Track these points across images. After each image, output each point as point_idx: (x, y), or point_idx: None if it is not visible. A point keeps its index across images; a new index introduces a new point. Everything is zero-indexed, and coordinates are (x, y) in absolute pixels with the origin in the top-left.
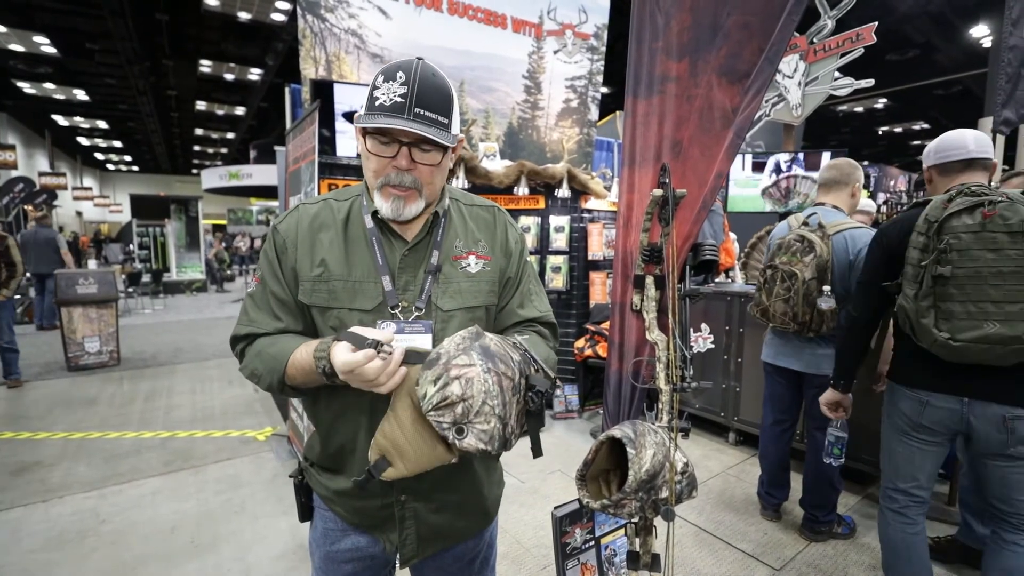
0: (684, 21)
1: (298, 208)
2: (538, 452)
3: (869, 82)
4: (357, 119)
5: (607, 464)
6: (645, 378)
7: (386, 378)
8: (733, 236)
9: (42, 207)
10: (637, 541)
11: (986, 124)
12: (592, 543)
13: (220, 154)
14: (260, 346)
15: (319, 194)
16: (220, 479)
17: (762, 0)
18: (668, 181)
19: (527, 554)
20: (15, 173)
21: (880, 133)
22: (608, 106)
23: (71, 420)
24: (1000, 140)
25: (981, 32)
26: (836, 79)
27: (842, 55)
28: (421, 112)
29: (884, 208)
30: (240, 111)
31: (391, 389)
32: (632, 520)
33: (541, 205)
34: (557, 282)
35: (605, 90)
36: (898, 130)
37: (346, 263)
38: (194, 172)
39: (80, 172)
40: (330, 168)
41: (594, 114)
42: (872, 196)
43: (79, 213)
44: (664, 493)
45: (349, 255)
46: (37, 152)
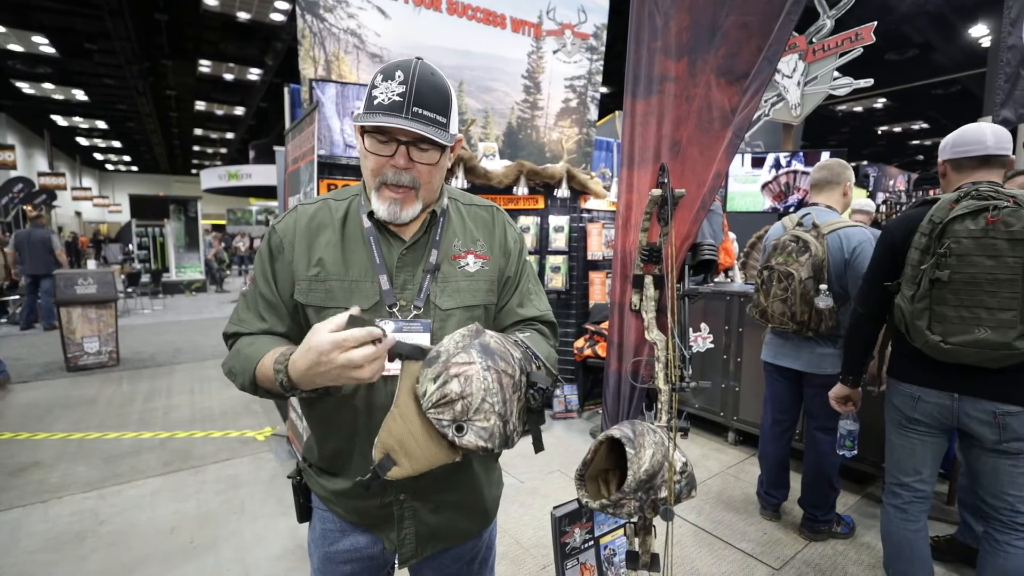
0: (683, 21)
1: (296, 208)
2: (539, 447)
3: (868, 82)
4: (355, 117)
5: (606, 464)
6: (644, 378)
7: (371, 365)
8: (732, 236)
9: (40, 207)
10: (636, 541)
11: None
12: (591, 543)
13: (219, 154)
14: (240, 345)
15: (318, 194)
16: (219, 479)
17: (761, 0)
18: (667, 181)
19: (526, 554)
20: (14, 173)
21: (879, 133)
22: (607, 106)
23: (70, 420)
24: None
25: (980, 32)
26: (835, 79)
27: (841, 55)
28: (419, 111)
29: (883, 208)
30: (239, 111)
31: (372, 376)
32: (631, 520)
33: (540, 205)
34: (556, 282)
35: (604, 90)
36: (897, 130)
37: (343, 262)
38: (193, 172)
39: (79, 172)
40: (329, 168)
41: (593, 114)
42: (871, 196)
43: (78, 213)
44: (663, 493)
45: (346, 254)
46: (36, 152)
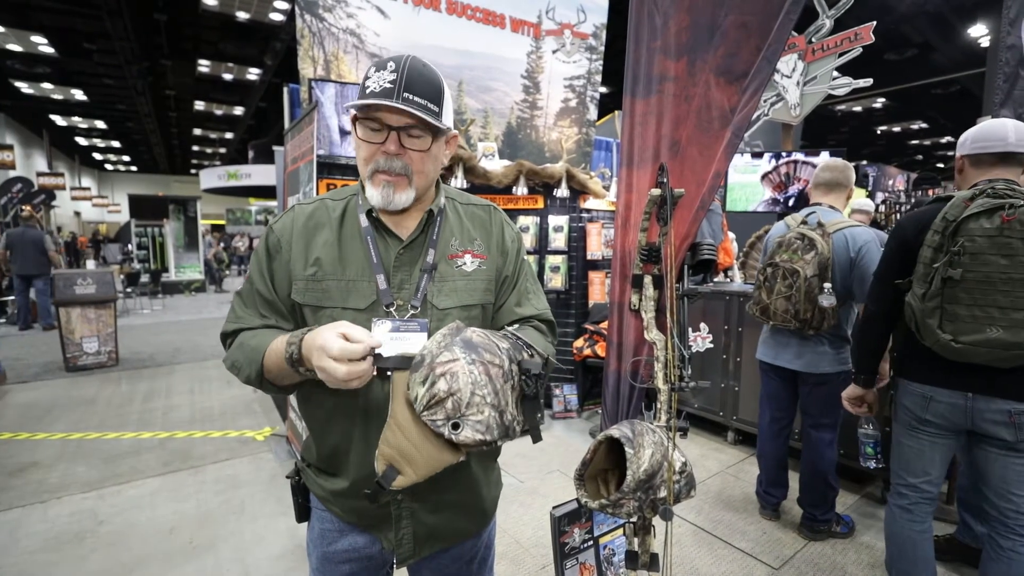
0: (682, 21)
1: (294, 208)
2: (537, 437)
3: (867, 81)
4: (348, 105)
5: (606, 464)
6: (644, 378)
7: (344, 368)
8: (731, 235)
9: (40, 207)
10: (636, 540)
11: None
12: (591, 543)
13: (219, 154)
14: (242, 338)
15: (317, 194)
16: (219, 479)
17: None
18: (666, 181)
19: (526, 554)
20: (13, 173)
21: (879, 132)
22: (607, 106)
23: (69, 421)
24: None
25: (979, 32)
26: (834, 78)
27: (840, 55)
28: (409, 97)
29: (882, 208)
30: (239, 111)
31: (348, 378)
32: (630, 520)
33: (540, 205)
34: (556, 282)
35: (604, 90)
36: (896, 129)
37: (340, 262)
38: (193, 172)
39: (78, 172)
40: (328, 168)
41: (593, 114)
42: (870, 195)
43: (77, 213)
44: (662, 493)
45: (343, 254)
46: (35, 152)
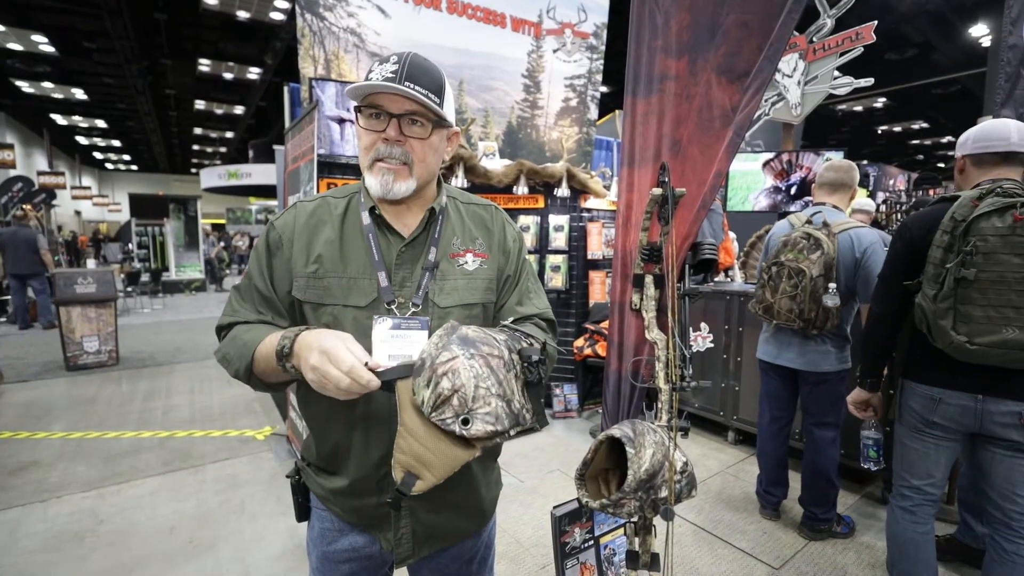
0: (683, 20)
1: (296, 205)
2: (543, 422)
3: (868, 81)
4: (349, 89)
5: (606, 463)
6: (644, 377)
7: (347, 382)
8: (732, 235)
9: (40, 206)
10: (636, 540)
11: None
12: (591, 542)
13: (219, 153)
14: (236, 332)
15: (318, 193)
16: (219, 479)
17: None
18: (667, 180)
19: (526, 553)
20: (13, 172)
21: (879, 132)
22: (607, 105)
23: (69, 420)
24: None
25: (980, 31)
26: (835, 78)
27: (841, 54)
28: (410, 85)
29: (883, 207)
30: (239, 110)
31: (347, 392)
32: (631, 519)
33: (540, 204)
34: (556, 281)
35: (604, 89)
36: (897, 129)
37: (341, 259)
38: (193, 171)
39: (79, 171)
40: (329, 167)
41: (593, 113)
42: (871, 195)
43: (78, 212)
44: (663, 492)
45: (345, 251)
46: (36, 151)
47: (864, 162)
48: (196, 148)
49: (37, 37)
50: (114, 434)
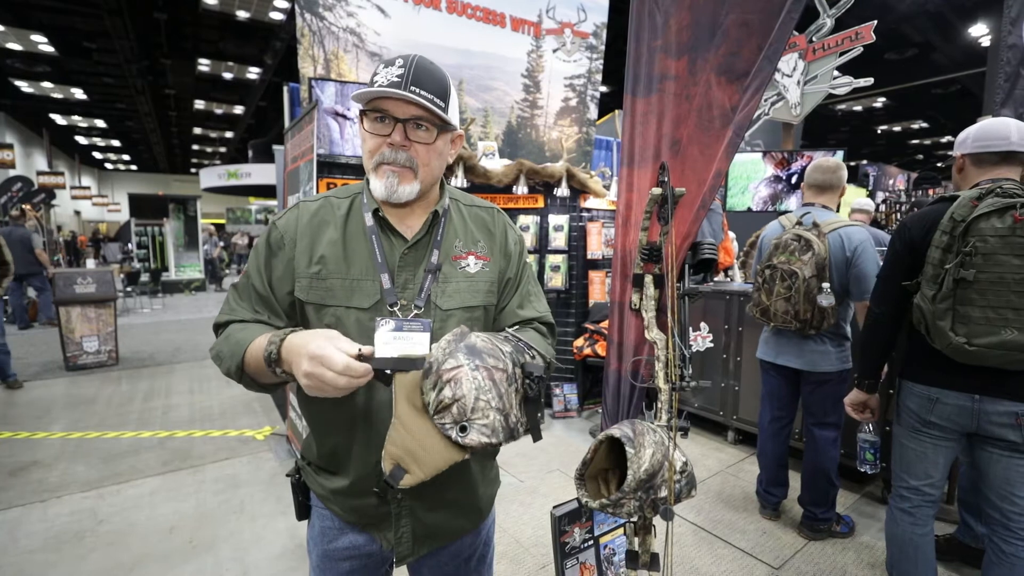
0: (683, 20)
1: (298, 205)
2: (537, 436)
3: (868, 81)
4: (354, 94)
5: (606, 463)
6: (644, 377)
7: (344, 380)
8: (732, 235)
9: (40, 206)
10: (636, 540)
11: None
12: (591, 542)
13: (219, 153)
14: (231, 330)
15: (318, 193)
16: (218, 479)
17: None
18: (667, 180)
19: (526, 553)
20: (13, 172)
21: (879, 132)
22: (607, 105)
23: (69, 420)
24: None
25: (980, 31)
26: (835, 78)
27: (841, 54)
28: (416, 90)
29: (883, 207)
30: (239, 110)
31: (345, 390)
32: (631, 519)
33: (540, 204)
34: (556, 281)
35: (604, 89)
36: (897, 129)
37: (344, 260)
38: (192, 171)
39: (78, 171)
40: (329, 167)
41: (593, 113)
42: (871, 195)
43: (77, 212)
44: (663, 492)
45: (348, 252)
46: (35, 151)
47: (864, 162)
48: (196, 148)
49: (37, 37)
50: (114, 434)
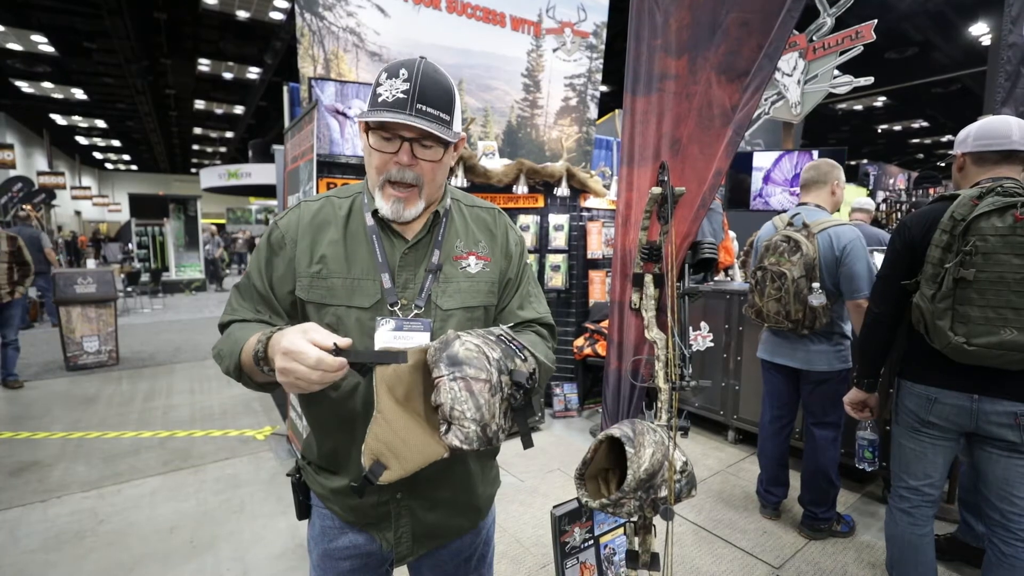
0: (683, 19)
1: (300, 205)
2: (527, 444)
3: (868, 80)
4: (359, 115)
5: (606, 463)
6: (644, 377)
7: (318, 375)
8: (732, 234)
9: (40, 206)
10: (636, 540)
11: None
12: (591, 542)
13: (219, 153)
14: (232, 328)
15: (318, 192)
16: (219, 479)
17: None
18: (667, 179)
19: (526, 553)
20: (13, 172)
21: (879, 131)
22: (607, 105)
23: (70, 420)
24: None
25: (980, 30)
26: (835, 77)
27: (841, 53)
28: (423, 108)
29: (883, 206)
30: (239, 110)
31: (320, 384)
32: (631, 519)
33: (540, 204)
34: (556, 281)
35: (604, 88)
36: (897, 128)
37: (345, 260)
38: (193, 171)
39: (79, 171)
40: (329, 167)
41: (593, 112)
42: (871, 194)
43: (78, 212)
44: (663, 492)
45: (349, 252)
46: (35, 151)
47: (864, 161)
48: (196, 148)
49: (37, 37)
50: (114, 434)
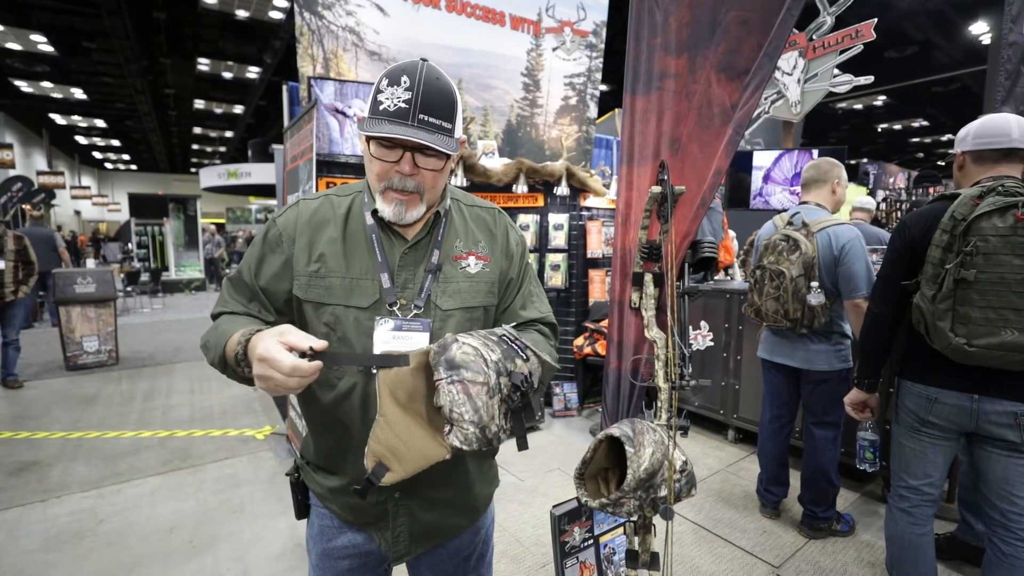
0: (683, 17)
1: (298, 203)
2: (522, 446)
3: (868, 79)
4: (361, 124)
5: (606, 462)
6: (644, 376)
7: (295, 381)
8: (732, 233)
9: (40, 206)
10: (636, 539)
11: None
12: (591, 542)
13: (218, 153)
14: (220, 321)
15: (317, 192)
16: (219, 479)
17: None
18: (667, 178)
19: (526, 552)
20: (13, 172)
21: (879, 130)
22: (607, 104)
23: (69, 420)
24: None
25: (980, 29)
26: (835, 76)
27: (841, 52)
28: (425, 118)
29: (883, 205)
30: (238, 109)
31: (298, 389)
32: (631, 518)
33: (540, 203)
34: (556, 280)
35: (604, 87)
36: (897, 127)
37: (344, 259)
38: (192, 171)
39: (78, 171)
40: (328, 166)
41: (593, 111)
42: (871, 193)
43: (77, 212)
44: (663, 491)
45: (348, 252)
46: (35, 151)
47: (864, 160)
48: (196, 147)
49: (36, 36)
50: (114, 434)
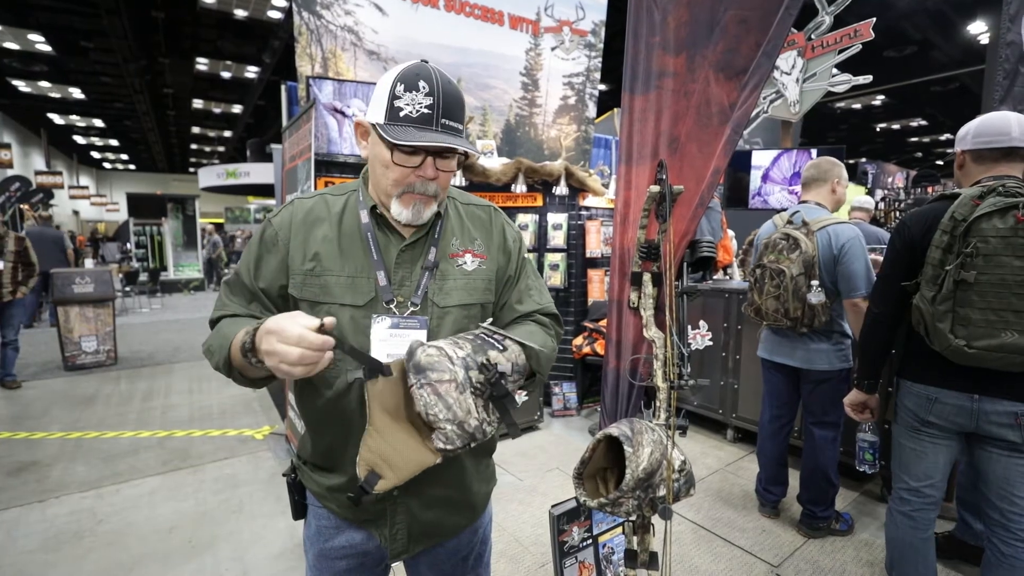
0: (681, 16)
1: (293, 202)
2: (515, 433)
3: (867, 78)
4: (382, 129)
5: (605, 462)
6: (643, 376)
7: (299, 352)
8: (731, 233)
9: (38, 206)
10: (635, 539)
11: None
12: (590, 541)
13: (217, 152)
14: (222, 324)
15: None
16: (218, 479)
17: None
18: (665, 177)
19: (525, 552)
20: (11, 172)
21: (878, 130)
22: (606, 104)
23: (68, 420)
24: None
25: (979, 28)
26: (834, 75)
27: (840, 51)
28: (447, 122)
29: (882, 205)
30: (237, 109)
31: (304, 373)
32: (630, 518)
33: (539, 202)
34: (555, 280)
35: (603, 87)
36: (896, 127)
37: (340, 257)
38: (191, 171)
39: (76, 171)
40: (327, 166)
41: (592, 111)
42: (870, 193)
43: (76, 212)
44: (662, 491)
45: (343, 250)
46: (33, 151)
47: (863, 160)
48: (194, 147)
49: (34, 36)
50: (113, 434)
